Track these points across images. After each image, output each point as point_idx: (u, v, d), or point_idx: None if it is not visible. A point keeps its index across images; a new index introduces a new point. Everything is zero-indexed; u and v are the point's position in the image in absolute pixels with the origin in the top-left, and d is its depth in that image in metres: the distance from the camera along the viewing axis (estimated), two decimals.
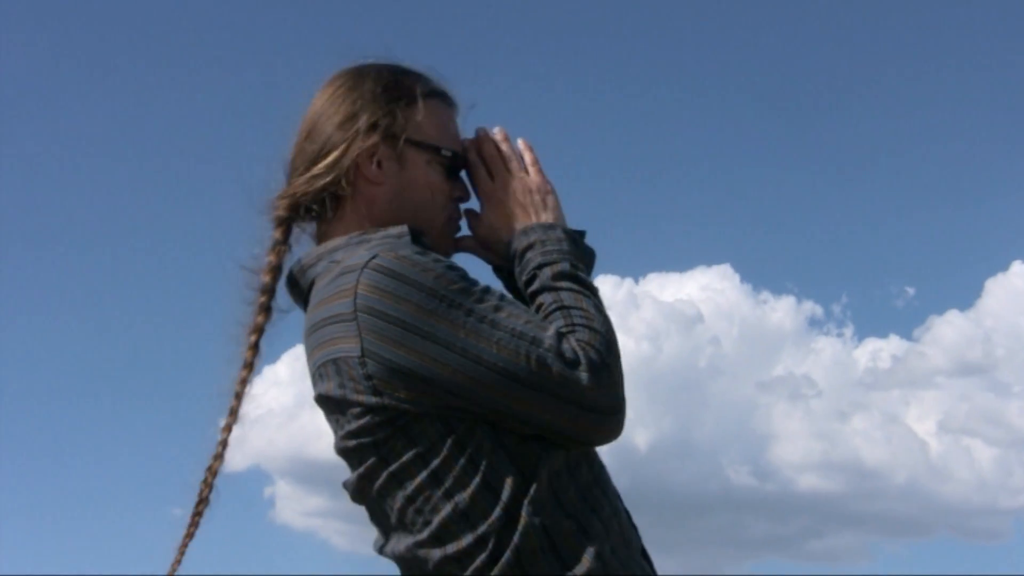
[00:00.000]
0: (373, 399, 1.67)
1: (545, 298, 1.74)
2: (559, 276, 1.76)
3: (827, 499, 17.30)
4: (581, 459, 1.71)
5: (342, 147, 1.82)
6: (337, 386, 1.70)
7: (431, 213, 1.85)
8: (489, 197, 1.88)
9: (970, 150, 20.36)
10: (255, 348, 1.84)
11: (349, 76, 1.88)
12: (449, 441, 1.66)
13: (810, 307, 18.57)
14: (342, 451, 1.76)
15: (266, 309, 1.86)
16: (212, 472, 1.91)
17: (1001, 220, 20.43)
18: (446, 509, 1.66)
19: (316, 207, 1.84)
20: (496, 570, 1.63)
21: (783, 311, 18.41)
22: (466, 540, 1.65)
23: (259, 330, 1.84)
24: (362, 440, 1.70)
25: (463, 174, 1.91)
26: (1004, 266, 18.52)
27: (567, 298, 1.73)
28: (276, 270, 1.86)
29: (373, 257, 1.66)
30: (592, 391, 1.65)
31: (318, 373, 1.74)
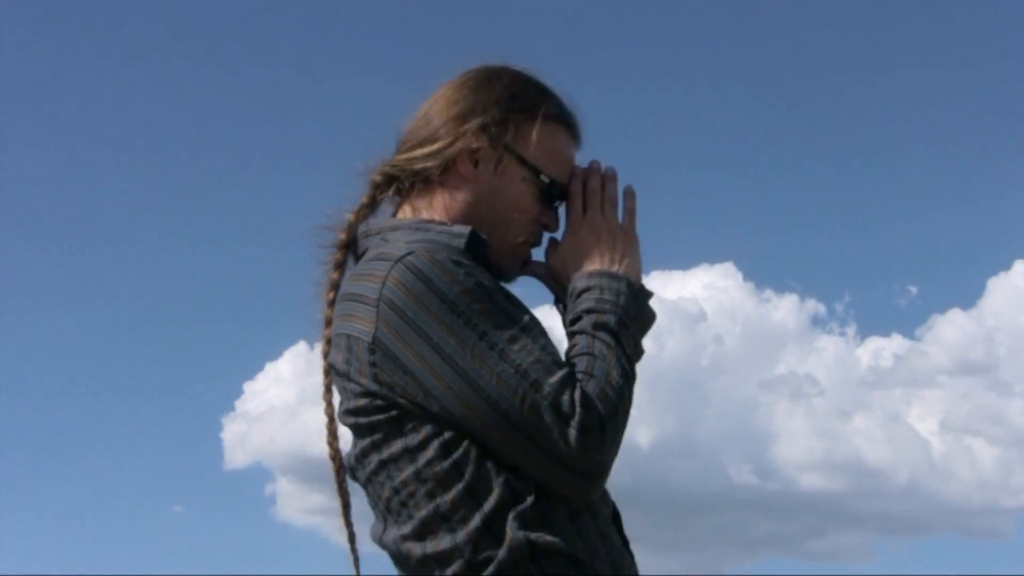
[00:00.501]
0: (373, 385, 1.68)
1: (579, 340, 1.71)
2: (600, 326, 1.72)
3: (829, 498, 17.30)
4: None
5: (448, 139, 1.82)
6: (344, 361, 1.71)
7: (508, 229, 1.83)
8: (574, 230, 1.85)
9: (973, 149, 20.35)
10: (333, 305, 1.82)
11: (482, 74, 1.88)
12: (436, 443, 1.66)
13: (813, 306, 18.55)
14: (344, 423, 1.80)
15: (340, 265, 1.86)
16: (334, 448, 1.90)
17: (1004, 219, 20.42)
18: (428, 508, 1.67)
19: (406, 184, 1.86)
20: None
21: (786, 310, 18.39)
22: (444, 542, 1.66)
23: (335, 287, 1.83)
24: (359, 420, 1.72)
25: (562, 203, 1.88)
26: (1007, 265, 18.50)
27: (599, 348, 1.69)
28: (353, 230, 1.87)
29: (409, 253, 1.67)
30: (575, 452, 1.61)
31: (334, 341, 1.75)
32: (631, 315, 1.75)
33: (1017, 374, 17.99)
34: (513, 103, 1.84)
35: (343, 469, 1.87)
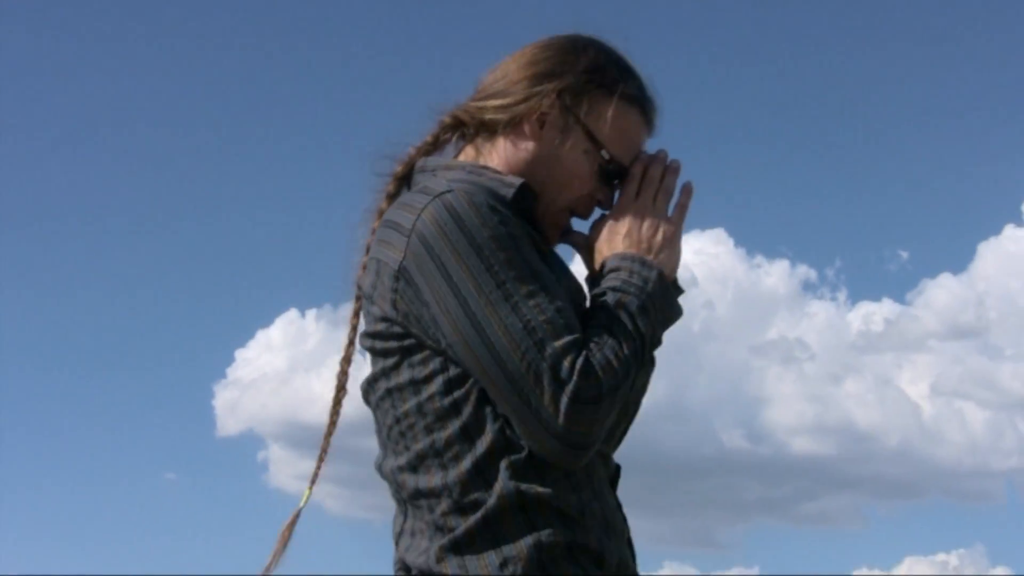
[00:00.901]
0: (392, 311, 1.70)
1: (599, 315, 1.70)
2: (622, 306, 1.70)
3: (820, 462, 17.36)
4: None
5: (521, 96, 1.82)
6: (371, 284, 1.73)
7: (559, 195, 1.83)
8: (621, 211, 1.84)
9: (963, 115, 20.35)
10: (374, 233, 1.82)
11: (568, 41, 1.88)
12: (441, 379, 1.67)
13: (804, 271, 18.55)
14: (362, 345, 1.82)
15: (391, 196, 1.86)
16: (338, 401, 1.94)
17: (994, 184, 20.42)
18: (424, 442, 1.69)
19: (471, 131, 1.87)
20: (464, 524, 1.65)
21: (777, 275, 18.39)
22: (436, 479, 1.67)
23: (381, 215, 1.83)
24: (375, 344, 1.74)
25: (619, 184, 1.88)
26: (997, 230, 18.51)
27: (616, 327, 1.68)
28: (410, 164, 1.88)
29: (448, 191, 1.68)
30: (562, 419, 1.60)
31: (368, 265, 1.77)
32: (656, 304, 1.74)
33: (1007, 338, 18.05)
34: (593, 75, 1.83)
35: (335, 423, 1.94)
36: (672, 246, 1.83)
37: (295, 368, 16.81)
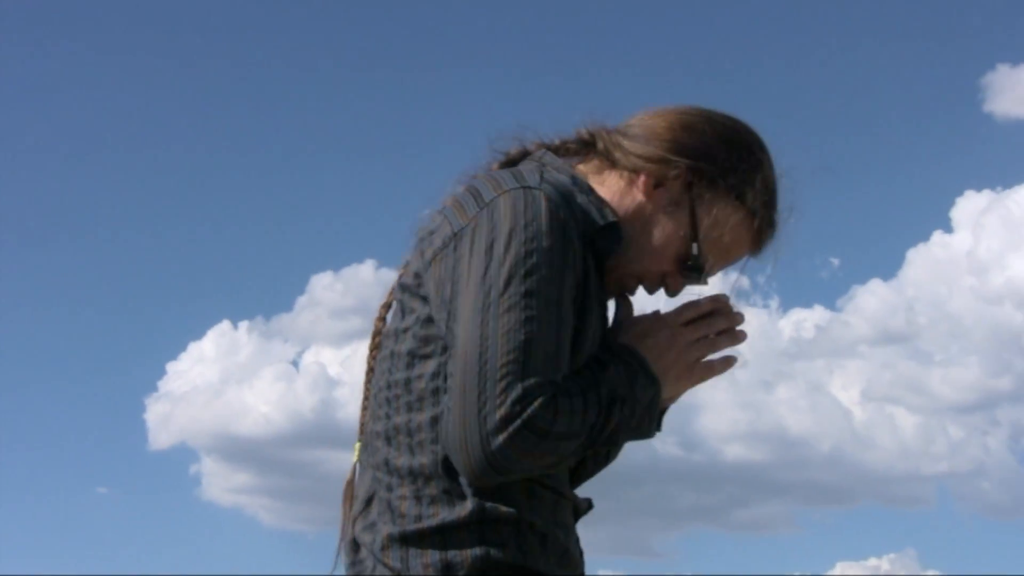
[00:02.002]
0: (424, 268, 1.68)
1: (588, 373, 1.63)
2: (610, 386, 1.63)
3: (753, 468, 17.45)
4: None
5: (655, 155, 1.78)
6: (428, 234, 1.72)
7: (638, 257, 1.78)
8: (664, 323, 1.76)
9: (891, 122, 20.58)
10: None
11: (731, 127, 1.84)
12: (435, 361, 1.66)
13: (736, 278, 18.67)
14: (394, 297, 1.80)
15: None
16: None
17: (923, 191, 20.67)
18: (402, 417, 1.67)
19: (598, 157, 1.82)
20: (418, 520, 1.62)
21: (710, 284, 18.51)
22: (403, 459, 1.65)
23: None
24: (403, 298, 1.73)
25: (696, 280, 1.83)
26: (925, 236, 18.74)
27: (592, 395, 1.60)
28: (524, 152, 1.85)
29: (538, 188, 1.64)
30: (503, 437, 1.54)
31: (435, 216, 1.75)
32: (636, 414, 1.67)
33: (937, 343, 18.24)
34: (733, 176, 1.79)
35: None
36: (681, 384, 1.78)
37: (227, 380, 16.70)
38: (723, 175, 1.78)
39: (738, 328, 1.80)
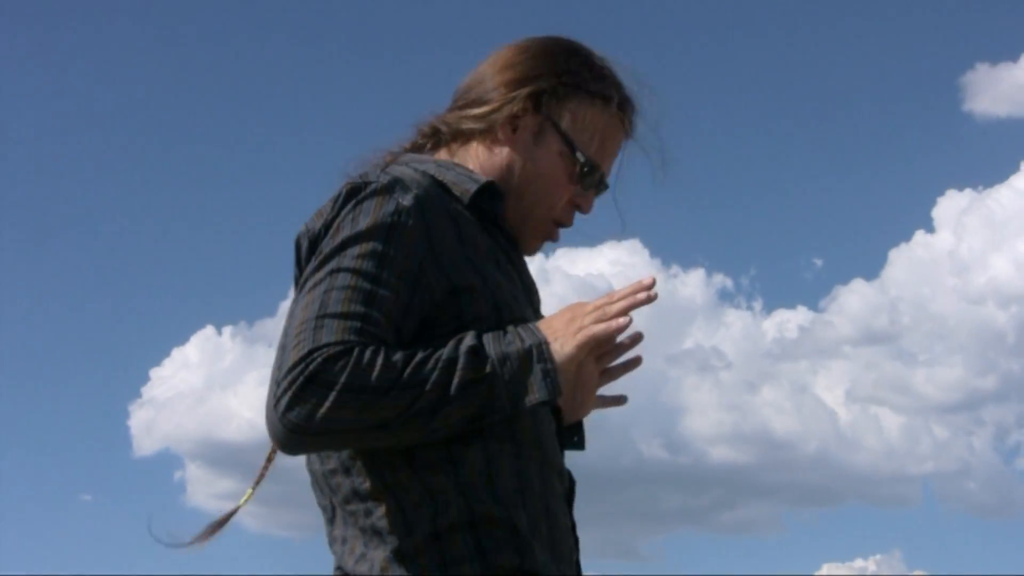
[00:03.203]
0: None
1: (442, 348, 1.56)
2: (465, 346, 1.56)
3: (739, 470, 17.47)
4: (535, 444, 1.65)
5: (497, 103, 1.78)
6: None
7: (537, 200, 1.80)
8: (569, 308, 1.66)
9: (872, 122, 20.62)
10: None
11: (544, 43, 1.85)
12: None
13: (720, 280, 18.71)
14: None
15: None
16: None
17: (905, 191, 20.72)
18: None
19: (447, 138, 1.83)
20: (410, 535, 1.59)
21: (693, 285, 18.51)
22: (371, 481, 1.62)
23: None
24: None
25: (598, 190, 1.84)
26: (907, 236, 18.77)
27: (413, 361, 1.53)
28: (385, 167, 1.81)
29: (357, 181, 1.65)
30: (280, 403, 1.50)
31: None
32: (503, 374, 1.56)
33: (920, 343, 18.28)
34: (569, 77, 1.80)
35: None
36: (564, 349, 1.61)
37: (211, 386, 16.66)
38: (561, 83, 1.80)
39: (644, 283, 1.69)
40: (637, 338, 1.77)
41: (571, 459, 1.79)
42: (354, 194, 1.63)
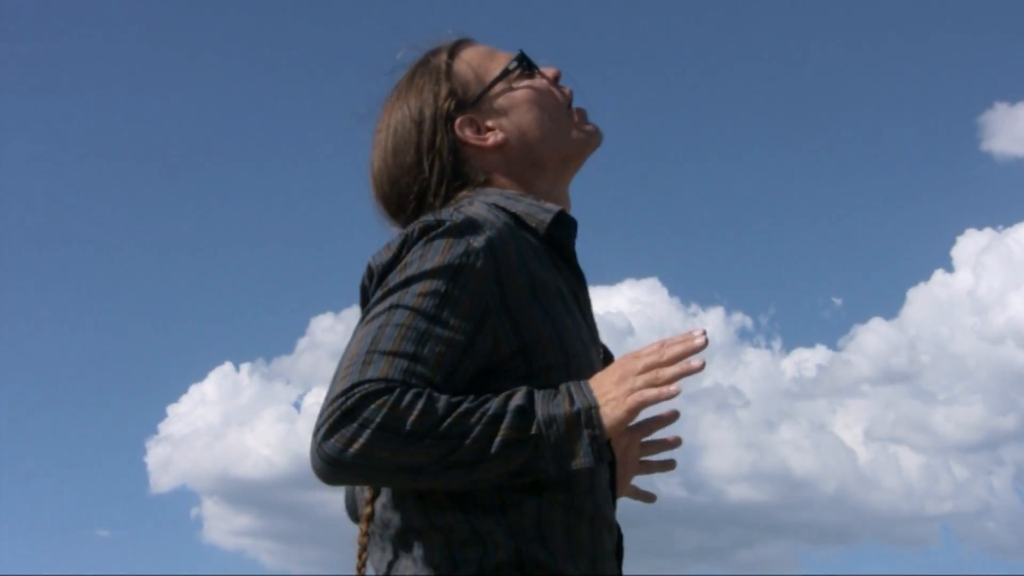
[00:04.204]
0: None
1: (491, 402, 1.53)
2: (513, 404, 1.53)
3: (757, 509, 17.39)
4: (588, 495, 1.65)
5: (435, 150, 1.81)
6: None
7: (551, 117, 1.86)
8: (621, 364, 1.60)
9: (892, 162, 20.60)
10: None
11: (392, 99, 1.88)
12: None
13: (740, 319, 18.69)
14: None
15: None
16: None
17: (924, 230, 20.68)
18: None
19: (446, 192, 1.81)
20: (460, 564, 1.58)
21: (712, 323, 18.48)
22: (419, 519, 1.61)
23: None
24: None
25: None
26: (927, 275, 18.74)
27: (456, 415, 1.50)
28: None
29: (431, 221, 1.64)
30: (319, 432, 1.50)
31: None
32: (552, 430, 1.53)
33: (940, 382, 18.22)
34: (431, 79, 1.85)
35: None
36: (613, 412, 1.56)
37: (228, 422, 16.68)
38: (442, 83, 1.84)
39: (690, 359, 1.60)
40: (673, 417, 1.84)
41: None
42: (426, 231, 1.63)
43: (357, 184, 1.89)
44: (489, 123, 1.83)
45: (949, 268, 18.24)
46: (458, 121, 1.82)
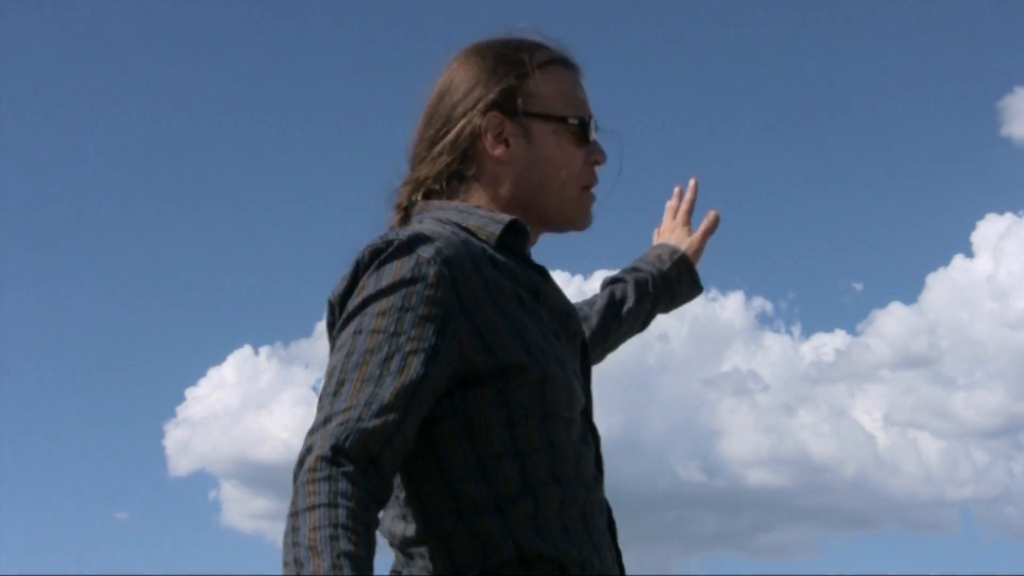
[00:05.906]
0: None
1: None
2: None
3: (776, 494, 17.40)
4: (579, 484, 1.66)
5: (460, 123, 1.77)
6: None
7: (564, 185, 1.80)
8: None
9: (910, 145, 20.53)
10: None
11: (463, 56, 1.83)
12: None
13: (760, 303, 18.66)
14: None
15: None
16: None
17: (944, 215, 20.62)
18: (403, 491, 1.67)
19: (439, 187, 1.79)
20: (462, 567, 1.60)
21: (732, 308, 18.48)
22: (419, 526, 1.64)
23: None
24: None
25: (596, 136, 1.83)
26: (946, 260, 18.69)
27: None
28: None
29: (412, 234, 1.63)
30: (298, 460, 1.55)
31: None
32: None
33: (959, 367, 18.17)
34: (504, 68, 1.80)
35: None
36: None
37: (247, 406, 16.73)
38: (500, 77, 1.79)
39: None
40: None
41: (609, 480, 1.78)
42: (376, 255, 1.63)
43: (378, 166, 1.87)
44: (511, 140, 1.78)
45: (969, 253, 18.20)
46: (492, 113, 1.77)
